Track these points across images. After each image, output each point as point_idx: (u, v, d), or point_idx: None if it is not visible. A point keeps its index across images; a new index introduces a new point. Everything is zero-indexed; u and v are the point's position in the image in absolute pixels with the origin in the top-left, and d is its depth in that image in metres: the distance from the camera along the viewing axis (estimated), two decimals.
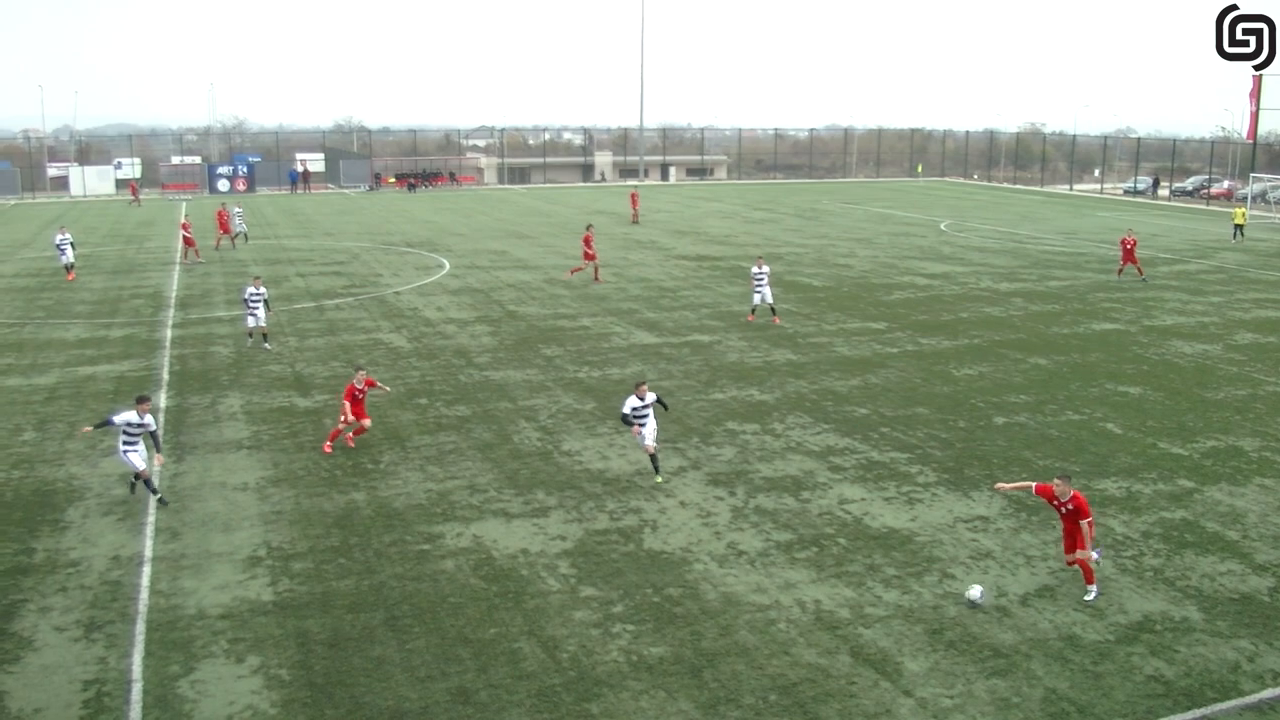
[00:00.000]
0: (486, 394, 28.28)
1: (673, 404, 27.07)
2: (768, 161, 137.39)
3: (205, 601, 16.60)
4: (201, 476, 22.16)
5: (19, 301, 43.03)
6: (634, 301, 41.62)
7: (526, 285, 45.81)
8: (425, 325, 37.38)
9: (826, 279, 47.18)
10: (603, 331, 36.12)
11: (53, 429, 25.57)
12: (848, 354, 32.67)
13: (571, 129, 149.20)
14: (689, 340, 34.64)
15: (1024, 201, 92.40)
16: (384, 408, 26.91)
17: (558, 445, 24.00)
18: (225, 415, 26.60)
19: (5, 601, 16.64)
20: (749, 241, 60.98)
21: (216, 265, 53.39)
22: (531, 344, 34.21)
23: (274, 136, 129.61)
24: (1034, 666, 14.54)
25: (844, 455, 23.28)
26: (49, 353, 33.64)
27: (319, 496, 20.99)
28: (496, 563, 17.92)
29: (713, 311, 39.50)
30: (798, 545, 18.56)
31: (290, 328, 37.08)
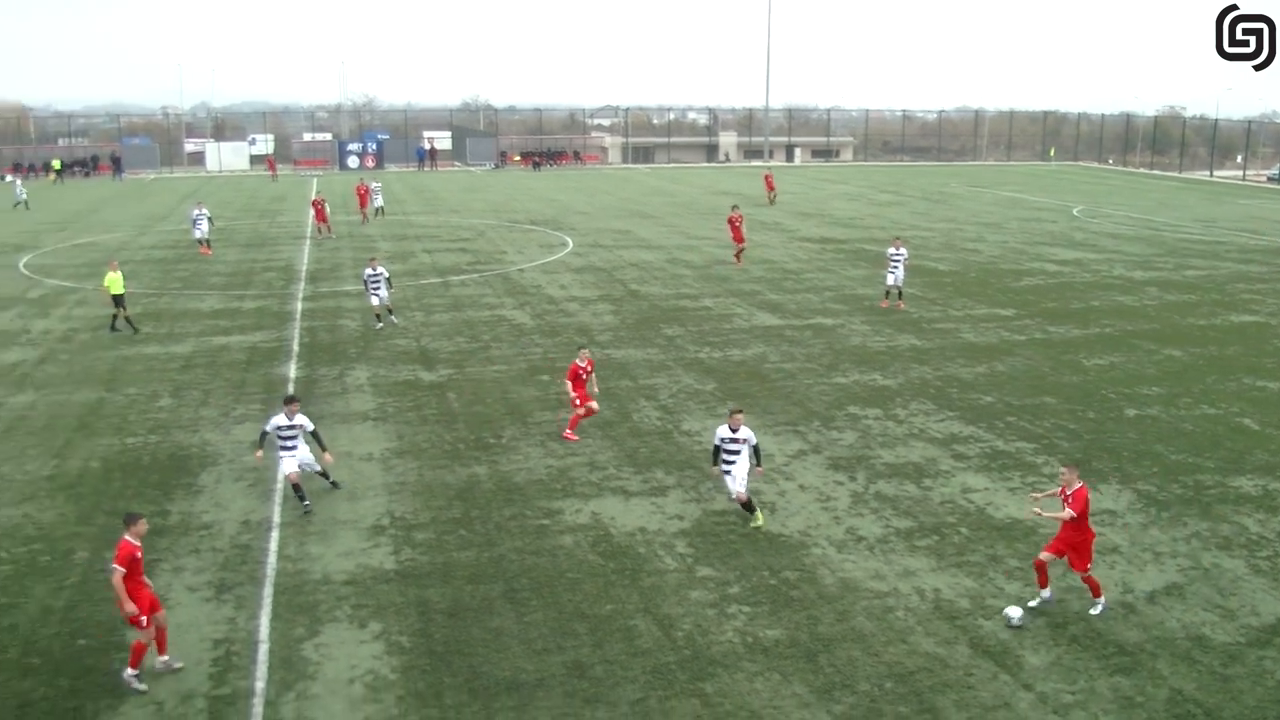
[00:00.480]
0: (607, 372, 28.47)
1: (794, 386, 26.96)
2: (895, 143, 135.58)
3: (330, 567, 17.05)
4: (329, 446, 22.67)
5: (156, 272, 44.51)
6: (757, 283, 41.49)
7: (649, 265, 45.95)
8: (548, 303, 37.74)
9: (953, 264, 46.45)
10: (725, 312, 36.08)
11: (188, 396, 26.44)
12: (974, 340, 32.16)
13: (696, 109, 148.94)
14: (812, 323, 34.42)
15: (1161, 187, 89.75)
16: (506, 383, 27.27)
17: (677, 425, 24.08)
18: (352, 387, 27.22)
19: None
20: (875, 224, 60.30)
21: (346, 241, 54.55)
22: (653, 323, 34.33)
23: (403, 114, 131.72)
24: (1160, 666, 14.20)
25: (968, 443, 22.94)
26: (185, 322, 34.76)
27: (442, 469, 21.38)
28: (614, 540, 18.08)
29: (836, 295, 39.18)
30: (918, 533, 18.37)
31: (416, 303, 37.75)
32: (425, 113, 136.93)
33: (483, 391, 26.74)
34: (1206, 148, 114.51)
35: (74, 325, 34.46)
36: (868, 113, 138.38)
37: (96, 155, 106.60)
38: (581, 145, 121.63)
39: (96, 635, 15.03)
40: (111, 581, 13.60)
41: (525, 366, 29.06)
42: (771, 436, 23.25)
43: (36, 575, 16.79)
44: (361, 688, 13.72)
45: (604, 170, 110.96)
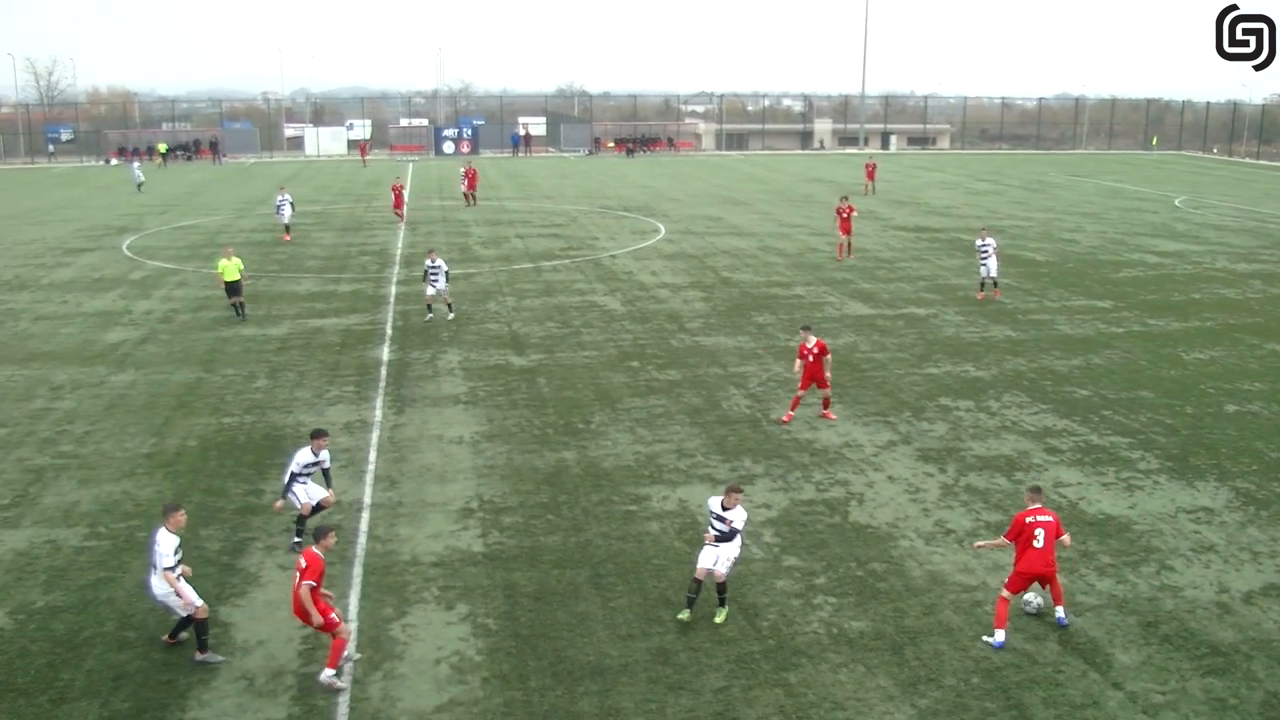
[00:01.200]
0: (697, 359, 28.46)
1: (885, 376, 26.71)
2: (993, 131, 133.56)
3: (419, 549, 17.28)
4: (420, 429, 23.02)
5: (255, 255, 45.37)
6: (849, 271, 41.15)
7: (741, 252, 45.80)
8: (639, 289, 37.80)
9: (1050, 254, 45.65)
10: (816, 301, 35.86)
11: (284, 377, 26.94)
12: (1070, 332, 31.59)
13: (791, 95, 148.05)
14: (904, 313, 34.07)
15: (1268, 178, 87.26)
16: (596, 369, 27.39)
17: (766, 413, 24.00)
18: (444, 371, 27.53)
19: (236, 539, 17.69)
20: (970, 214, 59.47)
21: (440, 225, 55.13)
22: (744, 311, 34.23)
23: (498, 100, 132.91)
24: (1255, 668, 13.86)
25: (1061, 437, 22.56)
26: (281, 305, 35.42)
27: (530, 453, 21.55)
28: (701, 528, 18.05)
29: (930, 284, 38.73)
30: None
31: (509, 288, 38.05)
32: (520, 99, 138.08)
33: (573, 377, 26.88)
34: None
35: (174, 306, 35.28)
36: (965, 100, 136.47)
37: (198, 140, 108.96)
38: (675, 132, 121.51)
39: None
40: (299, 595, 13.35)
41: (615, 352, 29.15)
42: (861, 427, 23.08)
43: (134, 551, 17.22)
44: (447, 669, 13.90)
45: (697, 157, 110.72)
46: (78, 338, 31.25)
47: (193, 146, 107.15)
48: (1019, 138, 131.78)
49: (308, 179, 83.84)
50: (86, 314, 34.12)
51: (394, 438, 22.47)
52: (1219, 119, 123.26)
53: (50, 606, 15.53)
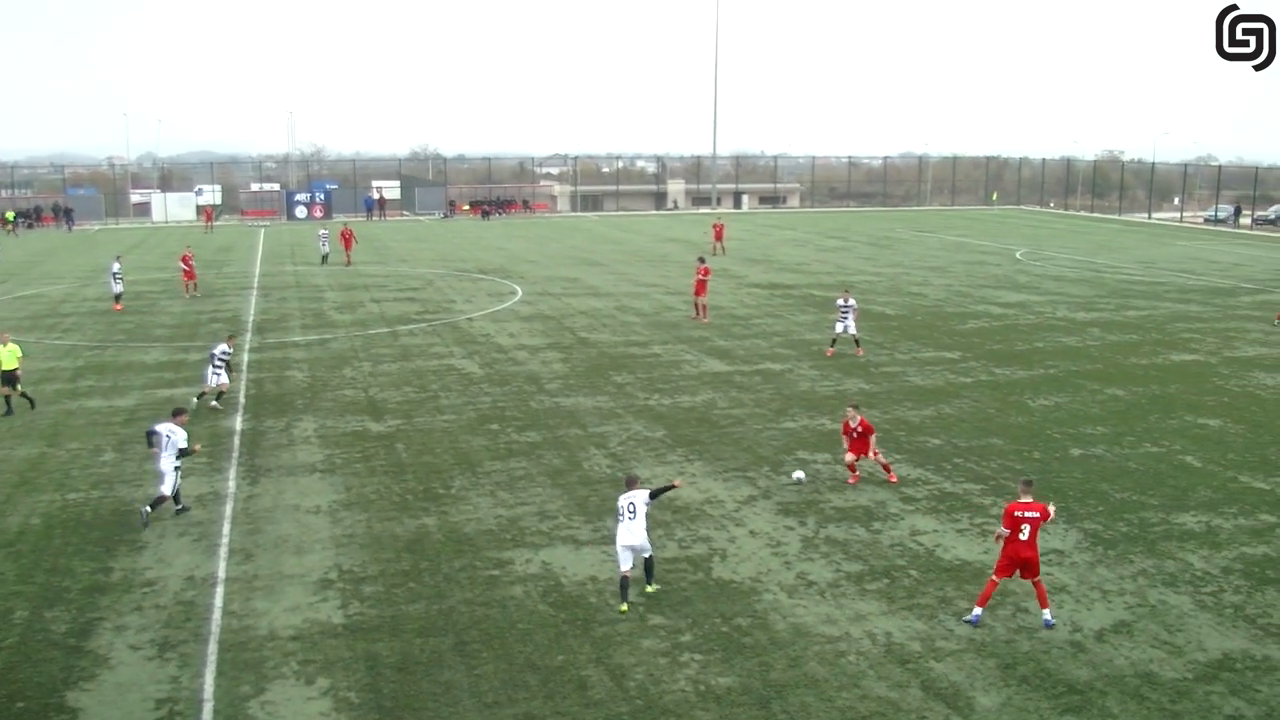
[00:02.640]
0: (557, 420, 28.39)
1: (744, 431, 27.00)
2: (841, 189, 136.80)
3: (277, 623, 16.79)
4: (275, 499, 22.45)
5: (101, 324, 43.96)
6: (706, 330, 41.61)
7: (598, 312, 45.99)
8: (497, 351, 37.63)
9: (900, 307, 46.86)
10: (674, 359, 36.13)
11: (132, 450, 26.04)
12: (921, 383, 32.39)
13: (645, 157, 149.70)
14: (760, 369, 34.54)
15: (1101, 230, 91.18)
16: (455, 433, 27.11)
17: (628, 472, 23.98)
18: (299, 439, 26.95)
19: (83, 619, 16.96)
20: (821, 270, 60.78)
21: (293, 291, 54.18)
22: (602, 371, 34.31)
23: (351, 164, 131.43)
24: (1109, 704, 14.26)
25: (916, 486, 23.05)
26: (129, 375, 34.33)
27: (390, 520, 21.18)
28: (565, 589, 17.95)
29: (785, 340, 39.37)
30: (869, 576, 18.40)
31: (365, 353, 37.51)
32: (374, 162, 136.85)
33: (431, 441, 26.56)
34: (1145, 191, 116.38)
35: None
36: (814, 159, 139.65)
37: (40, 206, 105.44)
38: (530, 194, 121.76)
39: (36, 697, 14.69)
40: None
41: (474, 415, 28.91)
42: (721, 482, 23.25)
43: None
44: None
45: (553, 218, 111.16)
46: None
47: (34, 213, 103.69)
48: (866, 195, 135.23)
49: (154, 245, 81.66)
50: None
51: (248, 509, 21.86)
52: (1054, 174, 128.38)
53: None
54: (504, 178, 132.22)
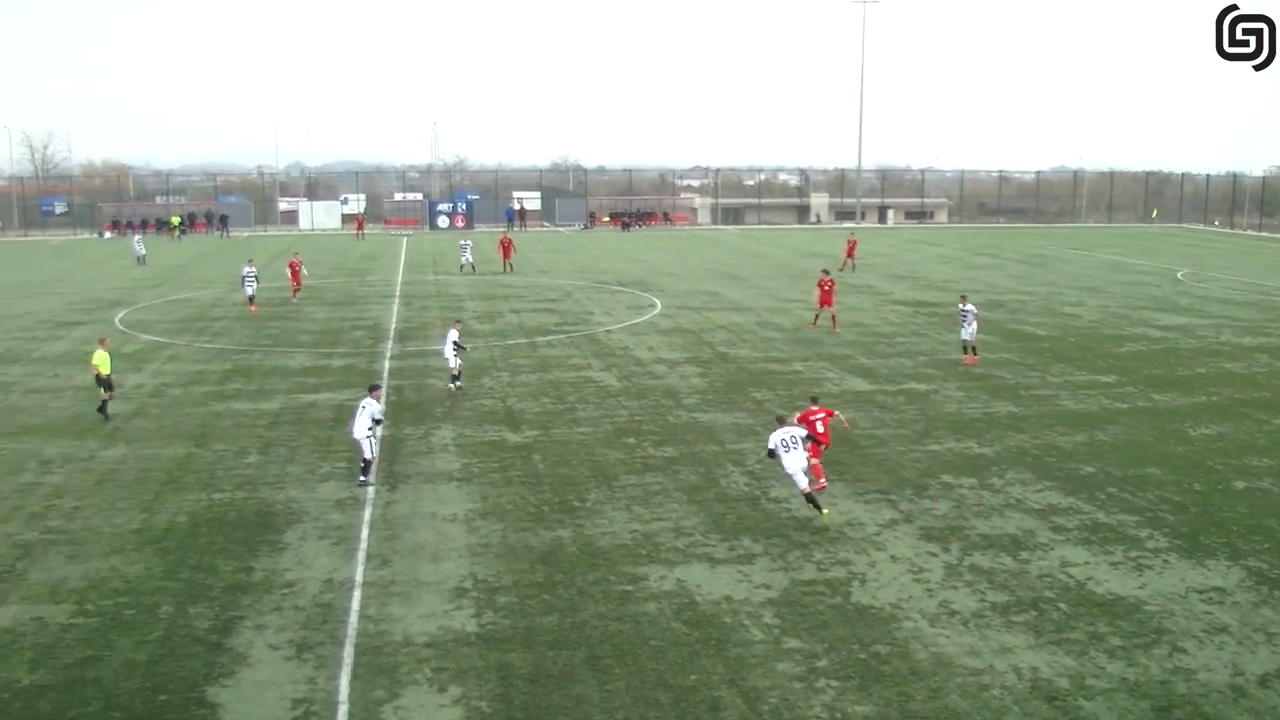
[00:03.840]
0: (694, 436, 28.39)
1: (886, 453, 26.66)
2: (991, 205, 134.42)
3: (412, 629, 17.10)
4: (413, 506, 22.89)
5: (248, 329, 45.42)
6: (848, 347, 41.23)
7: (738, 327, 45.90)
8: (635, 364, 37.82)
9: (1052, 328, 45.78)
10: (815, 376, 35.86)
11: (276, 453, 26.84)
12: (1074, 408, 31.58)
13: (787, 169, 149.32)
14: (904, 388, 34.08)
15: (1271, 250, 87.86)
16: (592, 445, 27.32)
17: (765, 491, 23.90)
18: (438, 447, 27.44)
19: (225, 617, 17.51)
20: (970, 288, 59.71)
21: (434, 300, 55.27)
22: (741, 387, 34.22)
23: (493, 175, 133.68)
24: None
25: (1067, 515, 22.46)
26: (274, 379, 35.39)
27: (525, 531, 21.41)
28: (700, 608, 17.92)
29: (930, 359, 38.78)
30: (1015, 608, 17.97)
31: (503, 363, 38.05)
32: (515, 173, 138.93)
33: (568, 454, 26.80)
34: None
35: (165, 380, 35.24)
36: (963, 173, 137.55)
37: (194, 213, 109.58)
38: (671, 206, 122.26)
39: (178, 691, 15.20)
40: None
41: (611, 429, 29.09)
42: (862, 505, 22.97)
43: (121, 629, 17.06)
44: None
45: (693, 231, 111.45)
46: (68, 412, 31.18)
47: (188, 220, 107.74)
48: (1017, 211, 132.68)
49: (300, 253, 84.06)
50: (78, 388, 34.04)
51: (387, 515, 22.33)
52: (1219, 191, 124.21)
53: (35, 685, 15.34)
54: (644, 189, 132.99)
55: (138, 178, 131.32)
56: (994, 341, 41.92)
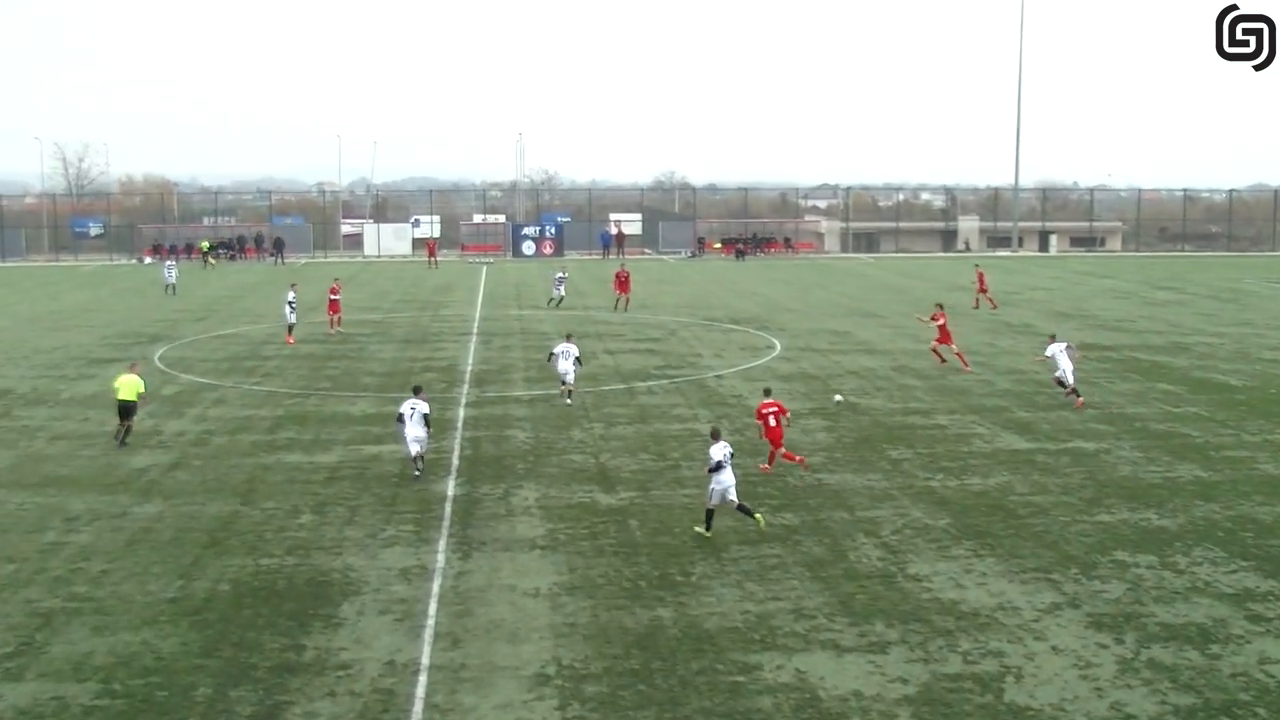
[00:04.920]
0: (819, 500, 28.22)
1: (1047, 524, 26.25)
2: (1174, 229, 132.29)
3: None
4: (489, 577, 23.02)
5: (304, 369, 46.21)
6: (1002, 397, 40.74)
7: (871, 373, 45.62)
8: (750, 416, 37.68)
9: (1248, 377, 44.81)
10: (963, 431, 35.48)
11: (332, 513, 27.20)
12: (1276, 473, 30.82)
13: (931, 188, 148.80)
14: (1069, 447, 33.55)
15: None
16: (698, 510, 27.23)
17: (903, 567, 23.64)
18: (519, 509, 27.60)
19: (270, 701, 17.71)
20: (1149, 328, 58.79)
21: (517, 338, 55.79)
22: (875, 443, 33.97)
23: (586, 194, 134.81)
24: None
25: (1267, 602, 21.87)
26: (333, 428, 35.93)
27: (619, 610, 21.39)
28: (823, 705, 17.73)
29: (1100, 413, 38.16)
30: (1202, 712, 17.51)
31: (596, 412, 38.22)
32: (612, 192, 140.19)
33: (670, 519, 26.78)
34: None
35: (209, 427, 35.97)
36: (1139, 192, 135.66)
37: (244, 236, 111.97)
38: (793, 231, 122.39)
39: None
40: None
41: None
42: (1018, 585, 22.60)
43: (153, 713, 17.33)
44: None
45: (820, 260, 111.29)
46: (99, 461, 31.95)
47: (237, 244, 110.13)
48: (1206, 237, 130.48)
49: (366, 282, 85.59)
50: (110, 434, 34.88)
51: (458, 587, 22.48)
52: None
53: None
54: (762, 211, 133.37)
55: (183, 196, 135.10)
56: (1178, 393, 41.15)
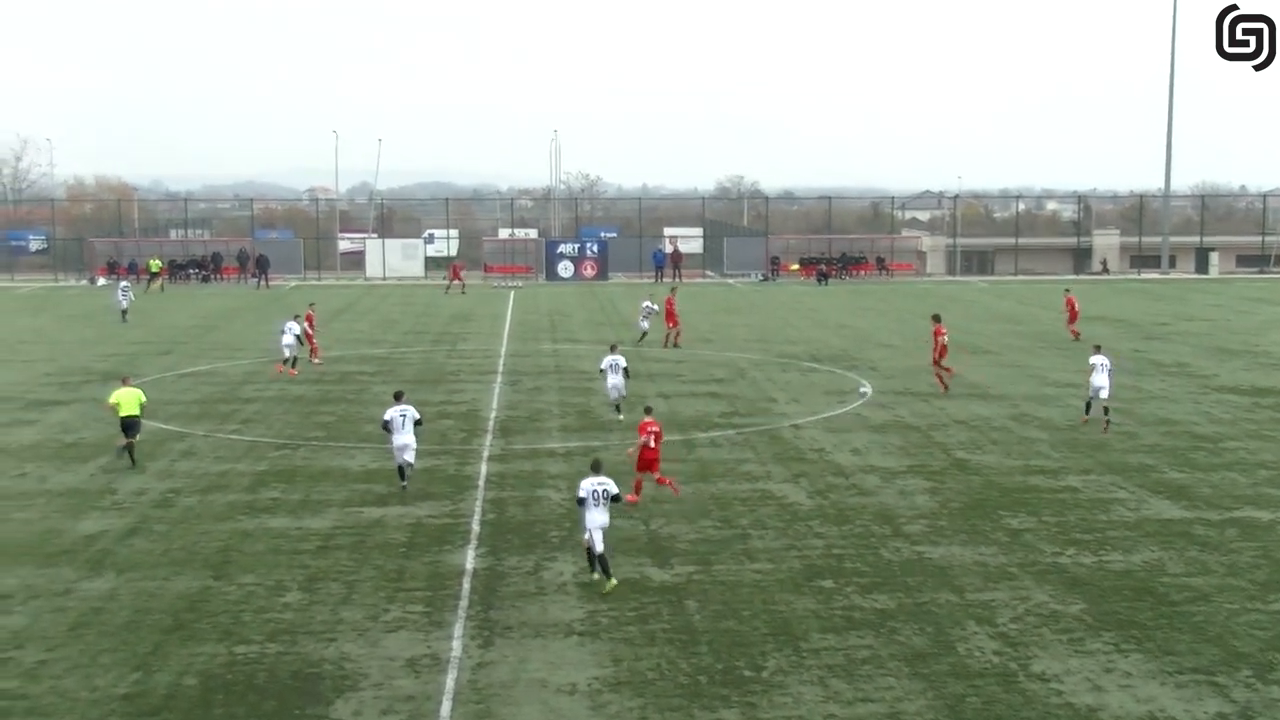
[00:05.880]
0: (920, 579, 28.01)
1: (1210, 613, 25.91)
2: None
3: None
4: (515, 670, 22.90)
5: (293, 415, 46.35)
6: (1149, 453, 40.39)
7: (985, 423, 45.37)
8: (835, 474, 37.58)
9: None
10: (1100, 496, 35.17)
11: (324, 590, 27.17)
12: None
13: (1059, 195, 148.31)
14: (1237, 516, 33.18)
15: None
16: (771, 590, 27.10)
17: (1025, 665, 23.38)
18: (551, 586, 27.50)
19: None
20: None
21: (552, 378, 55.79)
22: (989, 509, 33.72)
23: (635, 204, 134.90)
24: None
25: None
26: (326, 486, 35.97)
27: (675, 711, 21.24)
28: None
29: (1277, 474, 37.72)
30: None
31: None
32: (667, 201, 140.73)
33: (737, 601, 26.63)
34: None
35: (175, 485, 36.08)
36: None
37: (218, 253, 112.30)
38: (888, 249, 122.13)
39: None
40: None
41: (800, 565, 28.87)
42: (1173, 689, 22.28)
43: None
44: None
45: (920, 284, 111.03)
46: (38, 526, 32.05)
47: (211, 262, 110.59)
48: None
49: (367, 310, 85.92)
50: (53, 493, 35.07)
51: (478, 681, 22.39)
52: None
53: None
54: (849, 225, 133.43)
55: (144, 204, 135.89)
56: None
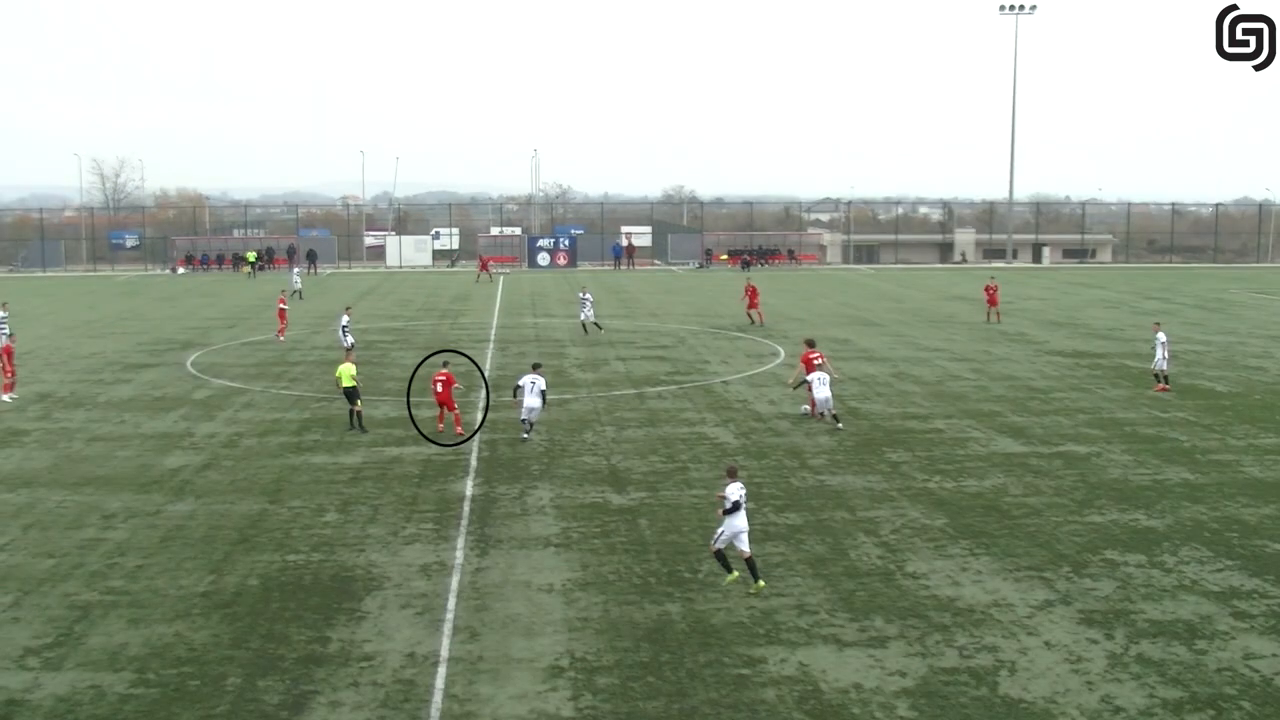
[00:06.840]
0: (821, 501, 28.17)
1: (1040, 524, 26.19)
2: (1163, 242, 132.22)
3: (501, 711, 17.14)
4: (505, 574, 23.01)
5: (329, 375, 46.19)
6: (997, 403, 40.66)
7: (872, 379, 45.56)
8: (755, 420, 37.71)
9: (1233, 383, 44.66)
10: (959, 436, 35.40)
11: (356, 511, 27.22)
12: (1260, 476, 30.72)
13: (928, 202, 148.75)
14: (1061, 450, 33.47)
15: None
16: (705, 510, 27.22)
17: (901, 565, 23.59)
18: (534, 508, 27.59)
19: (297, 691, 17.73)
20: (1138, 336, 58.64)
21: (533, 345, 55.78)
22: (875, 446, 33.91)
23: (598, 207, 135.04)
24: None
25: (1251, 599, 21.78)
26: (356, 430, 35.92)
27: (630, 605, 21.37)
28: (825, 697, 17.70)
29: (1092, 418, 38.05)
30: (1189, 705, 17.45)
31: (608, 416, 38.20)
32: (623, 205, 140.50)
33: (679, 519, 26.75)
34: None
35: (239, 430, 36.02)
36: (1129, 206, 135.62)
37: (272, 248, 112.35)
38: (797, 243, 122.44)
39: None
40: None
41: None
42: (1012, 583, 22.55)
43: (184, 701, 17.35)
44: None
45: (821, 271, 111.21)
46: (134, 462, 32.02)
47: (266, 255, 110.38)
48: (1193, 249, 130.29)
49: (388, 291, 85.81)
50: (145, 436, 34.97)
51: (476, 583, 22.48)
52: None
53: None
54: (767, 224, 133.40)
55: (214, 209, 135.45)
56: (1166, 399, 41.02)
